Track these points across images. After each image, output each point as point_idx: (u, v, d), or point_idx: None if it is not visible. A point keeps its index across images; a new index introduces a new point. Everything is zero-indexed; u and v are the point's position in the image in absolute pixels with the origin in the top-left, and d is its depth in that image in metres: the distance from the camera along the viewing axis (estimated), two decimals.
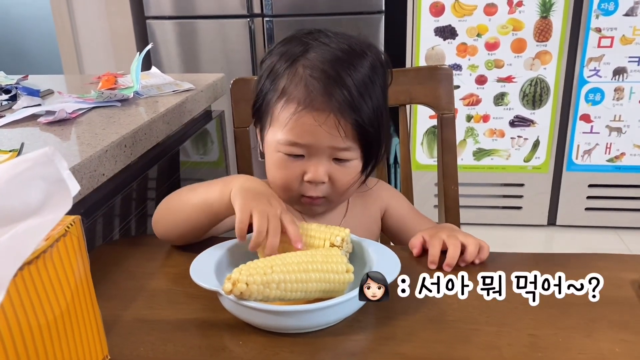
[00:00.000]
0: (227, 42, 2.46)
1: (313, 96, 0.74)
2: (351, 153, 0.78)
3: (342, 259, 0.65)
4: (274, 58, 0.81)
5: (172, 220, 0.78)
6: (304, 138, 0.76)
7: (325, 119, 0.74)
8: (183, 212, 0.77)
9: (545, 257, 0.80)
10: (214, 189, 0.74)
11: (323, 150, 0.77)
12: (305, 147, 0.77)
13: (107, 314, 0.64)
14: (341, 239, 0.68)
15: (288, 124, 0.76)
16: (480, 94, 2.27)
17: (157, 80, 1.27)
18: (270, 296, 0.60)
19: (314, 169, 0.78)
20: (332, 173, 0.79)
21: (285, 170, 0.79)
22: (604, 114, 2.23)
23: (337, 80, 0.75)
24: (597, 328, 0.61)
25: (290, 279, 0.61)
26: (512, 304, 0.65)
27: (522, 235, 2.37)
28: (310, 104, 0.74)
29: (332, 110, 0.74)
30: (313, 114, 0.74)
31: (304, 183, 0.79)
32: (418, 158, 2.38)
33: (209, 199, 0.74)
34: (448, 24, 2.20)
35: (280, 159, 0.79)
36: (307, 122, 0.75)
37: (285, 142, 0.77)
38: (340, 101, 0.74)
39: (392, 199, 0.95)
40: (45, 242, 0.47)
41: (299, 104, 0.75)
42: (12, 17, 3.88)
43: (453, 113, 1.13)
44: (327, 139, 0.75)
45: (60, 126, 0.98)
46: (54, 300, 0.48)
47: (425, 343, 0.59)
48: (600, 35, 2.14)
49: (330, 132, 0.75)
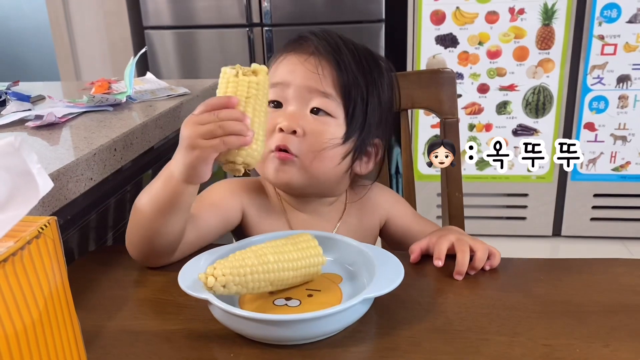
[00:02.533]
0: (226, 51, 2.44)
1: (301, 42, 0.77)
2: (330, 104, 0.75)
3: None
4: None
5: (136, 234, 0.70)
6: (283, 76, 0.76)
7: (307, 58, 0.75)
8: (141, 220, 0.69)
9: (561, 263, 0.75)
10: (154, 183, 0.68)
11: (301, 94, 0.75)
12: (283, 88, 0.75)
13: (89, 325, 0.60)
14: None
15: (272, 68, 0.78)
16: (483, 103, 2.24)
17: (152, 85, 1.24)
18: (247, 266, 0.58)
19: (287, 114, 0.75)
20: (307, 124, 0.74)
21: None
22: (608, 122, 2.20)
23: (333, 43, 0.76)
24: (617, 337, 0.56)
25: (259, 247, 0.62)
26: (524, 312, 0.61)
27: (527, 246, 2.33)
28: (298, 48, 0.77)
29: (315, 53, 0.75)
30: (297, 53, 0.76)
31: (276, 135, 0.74)
32: (420, 168, 2.34)
33: (156, 193, 0.67)
34: (449, 32, 2.18)
35: None
36: (290, 61, 0.76)
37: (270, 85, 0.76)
38: (327, 48, 0.75)
39: (393, 208, 0.90)
40: (15, 243, 0.43)
41: (289, 51, 0.77)
42: (10, 29, 3.87)
43: (456, 117, 1.10)
44: (306, 77, 0.75)
45: (48, 130, 0.95)
46: (24, 309, 0.44)
47: (431, 354, 0.55)
48: (603, 43, 2.11)
49: (311, 70, 0.75)
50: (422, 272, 0.71)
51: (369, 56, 0.80)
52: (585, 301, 0.63)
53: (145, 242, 0.70)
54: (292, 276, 0.62)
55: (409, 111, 1.13)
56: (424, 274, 0.70)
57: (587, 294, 0.64)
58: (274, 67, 0.79)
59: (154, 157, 1.10)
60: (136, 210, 0.70)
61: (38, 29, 3.75)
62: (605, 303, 0.62)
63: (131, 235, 0.71)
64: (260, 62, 2.33)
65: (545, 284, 0.67)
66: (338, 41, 0.77)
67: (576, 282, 0.67)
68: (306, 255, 0.63)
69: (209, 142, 0.61)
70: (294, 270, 0.62)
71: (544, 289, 0.66)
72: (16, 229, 0.43)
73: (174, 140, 1.20)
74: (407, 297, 0.64)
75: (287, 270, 0.62)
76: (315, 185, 0.78)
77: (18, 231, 0.44)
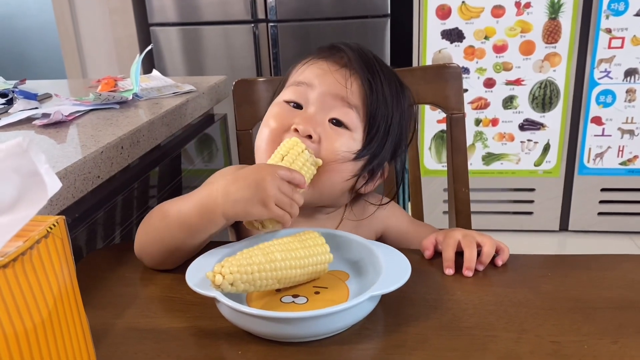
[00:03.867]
0: (232, 47, 2.43)
1: (334, 52, 0.76)
2: (351, 118, 0.73)
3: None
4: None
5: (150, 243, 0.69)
6: (310, 78, 0.74)
7: (338, 69, 0.74)
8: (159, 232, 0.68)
9: (569, 259, 0.75)
10: (190, 203, 0.66)
11: (324, 100, 0.73)
12: (308, 89, 0.74)
13: (98, 323, 0.60)
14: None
15: (300, 69, 0.76)
16: (489, 98, 2.23)
17: (158, 82, 1.24)
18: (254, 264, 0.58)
19: (305, 116, 0.73)
20: (323, 132, 0.72)
21: (276, 121, 0.74)
22: (615, 116, 2.18)
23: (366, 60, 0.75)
24: (626, 334, 0.56)
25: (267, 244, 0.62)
26: (531, 308, 0.61)
27: (534, 241, 2.32)
28: (329, 57, 0.75)
29: (350, 65, 0.74)
30: (328, 61, 0.75)
31: (290, 134, 0.72)
32: (426, 163, 2.34)
33: (188, 215, 0.65)
34: (455, 27, 2.17)
35: (276, 110, 0.75)
36: (320, 66, 0.75)
37: (291, 83, 0.75)
38: (363, 61, 0.74)
39: (389, 219, 0.87)
40: (24, 243, 0.43)
41: (320, 57, 0.76)
42: (17, 27, 3.89)
43: (463, 113, 1.09)
44: (333, 85, 0.73)
45: (55, 128, 0.95)
46: (34, 308, 0.44)
47: (438, 351, 0.55)
48: (610, 36, 2.09)
49: (340, 81, 0.73)
50: (428, 269, 0.71)
51: (397, 81, 0.78)
52: (594, 297, 0.63)
53: (160, 253, 0.69)
54: (300, 274, 0.63)
55: (415, 107, 1.12)
56: (431, 271, 0.70)
57: (595, 291, 0.64)
58: (301, 68, 0.77)
59: (160, 154, 1.11)
60: (158, 222, 0.69)
61: (44, 28, 3.76)
62: (613, 299, 0.62)
63: (145, 243, 0.70)
64: (265, 58, 2.33)
65: (552, 280, 0.67)
66: (371, 59, 0.76)
67: (584, 278, 0.67)
68: (313, 253, 0.63)
69: (278, 211, 0.63)
70: (301, 268, 0.62)
71: (551, 286, 0.66)
72: (25, 228, 0.43)
73: (180, 137, 1.20)
74: (414, 294, 0.64)
75: (294, 268, 0.62)
76: (317, 196, 0.75)
77: (27, 231, 0.44)
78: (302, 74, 0.76)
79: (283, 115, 0.74)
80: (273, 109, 0.77)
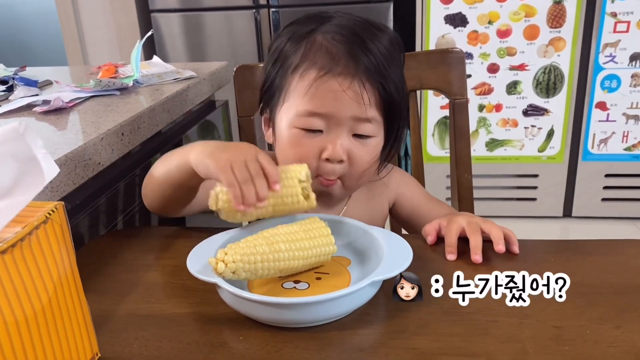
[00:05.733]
0: (233, 33, 2.42)
1: (337, 60, 0.70)
2: (373, 127, 0.73)
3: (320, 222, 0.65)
4: (283, 38, 0.76)
5: (149, 193, 0.78)
6: (325, 107, 0.70)
7: (350, 84, 0.69)
8: (154, 185, 0.76)
9: (572, 244, 0.74)
10: (173, 159, 0.71)
11: (344, 123, 0.71)
12: (326, 119, 0.71)
13: (99, 309, 0.60)
14: (305, 174, 0.67)
15: (308, 92, 0.70)
16: (493, 83, 2.21)
17: (158, 69, 1.23)
18: (258, 253, 0.58)
19: (332, 145, 0.71)
20: (352, 151, 0.73)
21: (301, 148, 0.72)
22: (620, 101, 2.17)
23: (362, 44, 0.70)
24: (628, 319, 0.56)
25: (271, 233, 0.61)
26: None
27: (537, 227, 2.31)
28: (334, 68, 0.70)
29: (357, 75, 0.69)
30: (337, 78, 0.69)
31: (320, 162, 0.73)
32: (429, 150, 2.33)
33: (170, 170, 0.71)
34: (458, 12, 2.14)
35: (295, 135, 0.73)
36: (330, 87, 0.69)
37: (304, 113, 0.71)
38: (367, 65, 0.69)
39: (403, 187, 0.89)
40: (23, 229, 0.43)
41: (321, 69, 0.70)
42: (17, 14, 3.87)
43: (465, 98, 1.08)
44: (350, 106, 0.70)
45: (56, 115, 0.95)
46: (34, 293, 0.44)
47: (440, 336, 0.55)
48: (616, 20, 2.07)
49: (354, 98, 0.70)
50: (430, 254, 0.71)
51: (390, 44, 0.74)
52: (596, 282, 0.62)
53: (157, 201, 0.78)
54: (302, 264, 0.62)
55: (418, 92, 1.12)
56: (433, 257, 0.70)
57: (598, 276, 0.64)
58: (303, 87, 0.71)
59: (161, 140, 1.10)
60: (151, 176, 0.76)
61: (45, 14, 3.74)
62: (616, 284, 0.62)
63: (145, 193, 0.79)
64: (267, 44, 2.32)
65: (555, 265, 0.67)
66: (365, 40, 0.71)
67: (587, 263, 0.67)
68: (318, 244, 0.63)
69: (231, 178, 0.61)
70: (304, 259, 0.62)
71: (554, 270, 0.65)
72: (24, 214, 0.43)
73: (181, 124, 1.20)
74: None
75: (297, 259, 0.61)
76: (355, 189, 0.82)
77: (26, 217, 0.44)
78: (311, 100, 0.70)
79: (305, 143, 0.73)
80: (289, 132, 0.73)
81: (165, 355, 0.54)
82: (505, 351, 0.52)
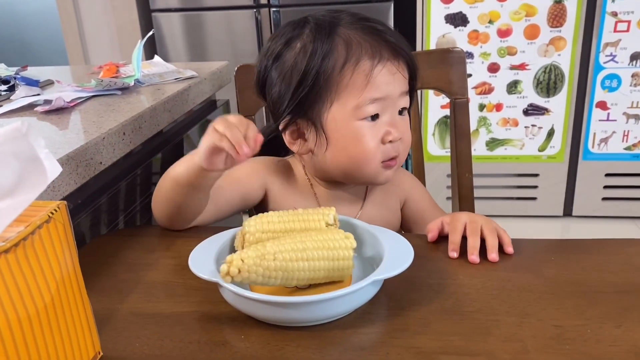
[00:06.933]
0: (234, 33, 2.42)
1: (379, 48, 0.75)
2: (407, 99, 0.79)
3: (337, 230, 0.63)
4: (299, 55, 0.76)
5: (159, 203, 0.77)
6: (384, 90, 0.75)
7: (397, 66, 0.76)
8: (164, 193, 0.76)
9: (572, 243, 0.75)
10: (179, 165, 0.74)
11: (395, 101, 0.77)
12: (382, 101, 0.76)
13: (101, 308, 0.60)
14: (332, 217, 0.66)
15: (369, 82, 0.75)
16: (493, 82, 2.21)
17: (160, 68, 1.24)
18: (271, 269, 0.57)
19: (393, 126, 0.77)
20: (403, 129, 0.78)
21: (367, 139, 0.76)
22: (620, 100, 2.17)
23: (383, 30, 0.77)
24: (629, 318, 0.56)
25: (286, 248, 0.58)
26: (534, 293, 0.61)
27: (537, 226, 2.31)
28: (381, 55, 0.75)
29: (397, 56, 0.76)
30: (387, 64, 0.75)
31: (383, 147, 0.77)
32: (430, 149, 2.33)
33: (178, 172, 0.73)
34: (459, 11, 2.14)
35: (359, 128, 0.76)
36: (385, 73, 0.75)
37: (367, 101, 0.75)
38: (395, 44, 0.76)
39: (413, 189, 0.91)
40: (25, 228, 0.43)
41: (372, 59, 0.75)
42: (18, 13, 3.87)
43: (466, 98, 1.09)
44: (399, 84, 0.77)
45: (57, 115, 0.95)
46: (36, 292, 0.44)
47: (441, 335, 0.55)
48: (616, 20, 2.07)
49: (403, 75, 0.77)
50: (431, 253, 0.71)
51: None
52: (597, 282, 0.62)
53: (166, 211, 0.77)
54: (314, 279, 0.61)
55: (419, 91, 1.12)
56: (434, 256, 0.70)
57: (599, 275, 0.64)
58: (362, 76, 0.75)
59: (163, 140, 1.10)
60: (162, 184, 0.76)
61: (45, 13, 3.74)
62: (617, 283, 0.62)
63: (155, 203, 0.78)
64: None
65: (556, 264, 0.67)
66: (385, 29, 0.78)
67: (587, 262, 0.67)
68: (337, 267, 0.60)
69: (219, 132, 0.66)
70: (319, 279, 0.61)
71: (554, 270, 0.65)
72: (26, 213, 0.43)
73: (183, 124, 1.20)
74: (417, 278, 0.64)
75: (313, 279, 0.60)
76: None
77: (28, 216, 0.44)
78: (372, 88, 0.75)
79: (369, 134, 0.76)
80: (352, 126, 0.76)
81: (167, 354, 0.54)
82: (506, 350, 0.52)
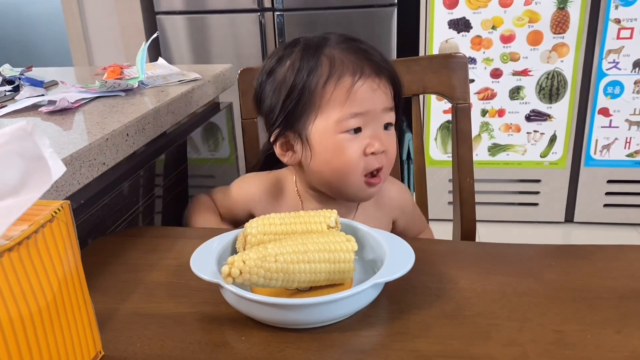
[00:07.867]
0: (238, 36, 2.43)
1: (360, 65, 0.78)
2: (392, 115, 0.81)
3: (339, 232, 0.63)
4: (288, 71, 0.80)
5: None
6: (365, 105, 0.78)
7: (379, 82, 0.79)
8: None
9: (573, 249, 0.75)
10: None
11: (377, 116, 0.79)
12: (363, 116, 0.78)
13: (103, 308, 0.61)
14: (334, 220, 0.67)
15: (349, 97, 0.77)
16: (496, 88, 2.22)
17: (163, 70, 1.24)
18: (272, 271, 0.57)
19: (375, 138, 0.79)
20: (387, 143, 0.80)
21: (349, 151, 0.78)
22: (623, 107, 2.17)
23: (366, 47, 0.81)
24: (629, 324, 0.56)
25: (288, 250, 0.58)
26: (534, 298, 0.61)
27: (539, 232, 2.32)
28: (362, 72, 0.78)
29: (378, 73, 0.79)
30: (367, 80, 0.78)
31: (365, 159, 0.79)
32: (432, 154, 2.33)
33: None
34: (462, 16, 2.15)
35: (340, 141, 0.78)
36: (366, 88, 0.78)
37: (348, 116, 0.77)
38: (378, 62, 0.79)
39: (404, 206, 0.93)
40: (29, 227, 0.43)
41: (353, 76, 0.77)
42: (23, 14, 3.89)
43: (468, 103, 1.09)
44: (381, 100, 0.79)
45: (61, 115, 0.95)
46: (39, 291, 0.44)
47: (441, 339, 0.55)
48: (619, 27, 2.07)
49: (384, 92, 0.79)
50: (432, 257, 0.71)
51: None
52: (597, 287, 0.63)
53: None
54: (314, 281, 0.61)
55: (421, 96, 1.12)
56: (435, 260, 0.70)
57: (599, 280, 0.64)
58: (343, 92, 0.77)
59: (166, 142, 1.11)
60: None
61: (51, 15, 3.76)
62: (617, 289, 0.62)
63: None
64: (271, 47, 2.34)
65: (556, 269, 0.67)
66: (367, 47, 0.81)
67: (588, 268, 0.67)
68: (338, 270, 0.61)
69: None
70: (319, 281, 0.61)
71: (555, 275, 0.66)
72: (30, 212, 0.43)
73: (186, 126, 1.20)
74: (418, 282, 0.64)
75: (313, 281, 0.60)
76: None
77: (32, 215, 0.44)
78: (353, 103, 0.77)
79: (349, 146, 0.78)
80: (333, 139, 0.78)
81: (168, 355, 0.54)
82: (506, 355, 0.52)
